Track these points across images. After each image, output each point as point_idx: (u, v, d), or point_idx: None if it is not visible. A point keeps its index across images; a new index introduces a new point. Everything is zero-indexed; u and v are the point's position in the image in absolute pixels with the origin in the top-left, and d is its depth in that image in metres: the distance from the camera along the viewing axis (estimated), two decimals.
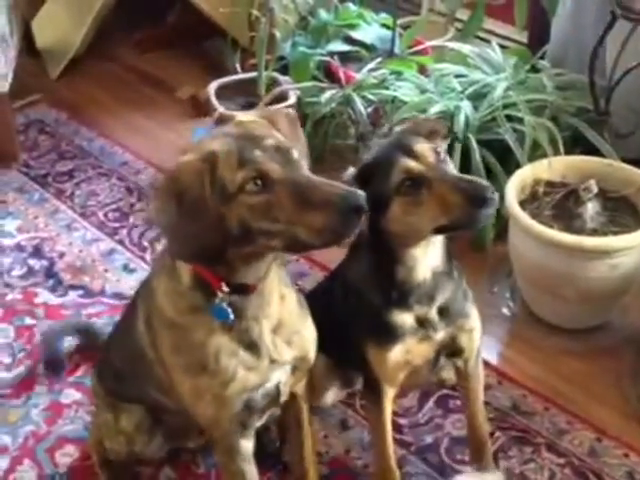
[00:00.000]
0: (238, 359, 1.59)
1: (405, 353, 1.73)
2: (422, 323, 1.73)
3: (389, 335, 1.72)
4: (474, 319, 1.83)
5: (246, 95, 3.25)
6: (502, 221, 2.50)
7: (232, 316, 1.55)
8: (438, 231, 1.62)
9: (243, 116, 1.52)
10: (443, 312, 1.74)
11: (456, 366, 1.89)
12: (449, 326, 1.76)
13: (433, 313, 1.73)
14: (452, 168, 1.63)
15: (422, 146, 1.61)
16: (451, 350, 1.81)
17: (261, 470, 1.80)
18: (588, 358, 2.34)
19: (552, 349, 2.38)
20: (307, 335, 1.71)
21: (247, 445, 1.71)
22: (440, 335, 1.75)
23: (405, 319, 1.71)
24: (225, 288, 1.52)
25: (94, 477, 2.05)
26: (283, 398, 1.74)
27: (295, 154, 1.44)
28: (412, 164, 1.57)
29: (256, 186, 1.38)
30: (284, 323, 1.65)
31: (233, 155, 1.39)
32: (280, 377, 1.68)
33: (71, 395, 2.28)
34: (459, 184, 1.55)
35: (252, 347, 1.60)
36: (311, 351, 1.73)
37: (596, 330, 2.43)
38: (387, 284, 1.70)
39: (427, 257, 1.68)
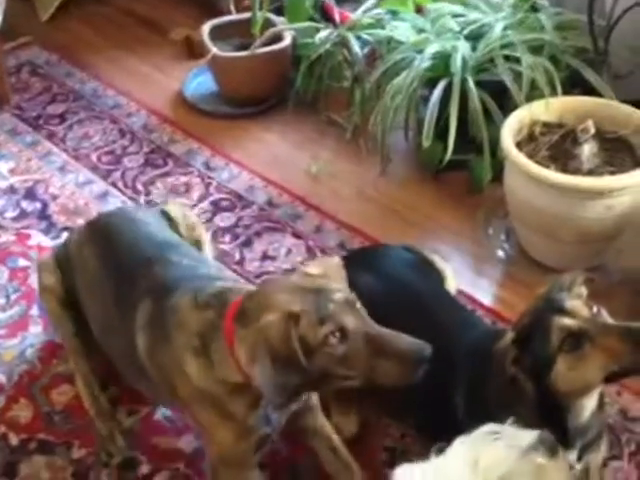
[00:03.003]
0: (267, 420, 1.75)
1: None
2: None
3: None
4: (605, 439, 1.80)
5: (240, 36, 3.21)
6: (499, 162, 2.49)
7: (274, 421, 1.75)
8: (608, 380, 1.59)
9: (310, 268, 1.68)
10: (585, 447, 1.71)
11: None
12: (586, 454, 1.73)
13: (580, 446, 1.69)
14: (607, 317, 1.61)
15: (573, 302, 1.59)
16: None
17: None
18: None
19: None
20: None
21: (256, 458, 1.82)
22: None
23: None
24: None
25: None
26: None
27: (358, 303, 1.60)
28: (568, 321, 1.56)
29: (335, 338, 1.54)
30: None
31: (313, 314, 1.54)
32: None
33: None
34: (623, 331, 1.54)
35: None
36: None
37: (591, 272, 2.43)
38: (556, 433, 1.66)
39: (592, 401, 1.66)
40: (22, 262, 2.53)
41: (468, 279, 2.43)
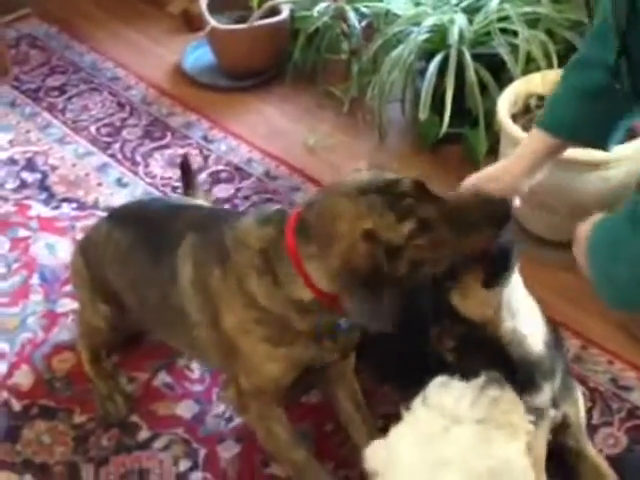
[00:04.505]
0: (321, 344, 1.71)
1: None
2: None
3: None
4: (577, 389, 1.83)
5: (238, 9, 3.22)
6: (494, 135, 2.51)
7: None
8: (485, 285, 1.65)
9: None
10: (560, 394, 1.74)
11: (568, 447, 1.82)
12: (561, 402, 1.75)
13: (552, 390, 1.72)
14: None
15: None
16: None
17: None
18: (577, 271, 2.35)
19: (542, 262, 2.41)
20: None
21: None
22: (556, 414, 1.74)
23: (540, 400, 1.69)
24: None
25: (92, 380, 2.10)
26: None
27: (426, 183, 1.54)
28: None
29: (418, 230, 1.49)
30: None
31: (388, 215, 1.48)
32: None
33: (66, 304, 2.31)
34: None
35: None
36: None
37: None
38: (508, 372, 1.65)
39: (529, 333, 1.70)
40: (22, 232, 2.56)
41: None
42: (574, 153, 2.23)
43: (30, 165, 2.83)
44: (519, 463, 1.38)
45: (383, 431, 1.92)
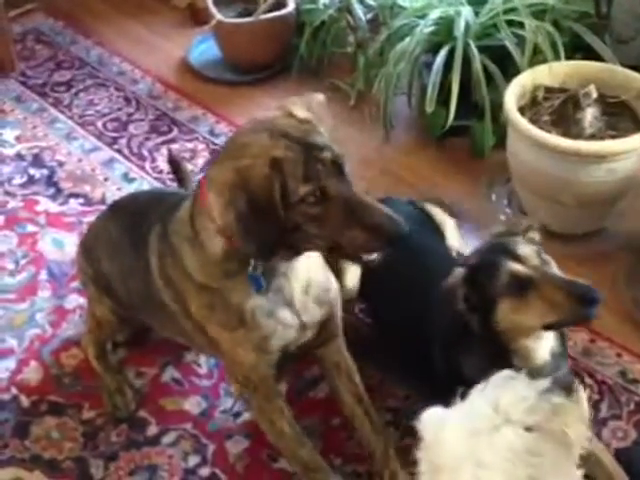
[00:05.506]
0: (276, 318, 1.68)
1: None
2: None
3: None
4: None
5: (244, 2, 3.21)
6: (501, 128, 2.50)
7: (264, 285, 1.64)
8: (547, 327, 1.67)
9: (296, 109, 1.58)
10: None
11: None
12: None
13: None
14: (555, 269, 1.69)
15: (526, 249, 1.68)
16: None
17: None
18: (585, 263, 2.35)
19: (549, 254, 2.38)
20: (333, 293, 1.81)
21: (281, 387, 1.84)
22: None
23: None
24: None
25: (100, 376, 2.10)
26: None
27: (347, 167, 1.55)
28: (518, 267, 1.64)
29: (315, 198, 1.49)
30: (312, 283, 1.73)
31: (299, 168, 1.47)
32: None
33: (74, 300, 2.32)
34: (567, 285, 1.61)
35: (290, 305, 1.69)
36: (337, 307, 1.83)
37: (593, 235, 2.45)
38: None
39: (541, 346, 1.72)
40: (30, 228, 2.57)
41: (470, 244, 2.46)
42: (580, 145, 2.23)
43: (37, 161, 2.84)
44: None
45: (390, 424, 1.95)
